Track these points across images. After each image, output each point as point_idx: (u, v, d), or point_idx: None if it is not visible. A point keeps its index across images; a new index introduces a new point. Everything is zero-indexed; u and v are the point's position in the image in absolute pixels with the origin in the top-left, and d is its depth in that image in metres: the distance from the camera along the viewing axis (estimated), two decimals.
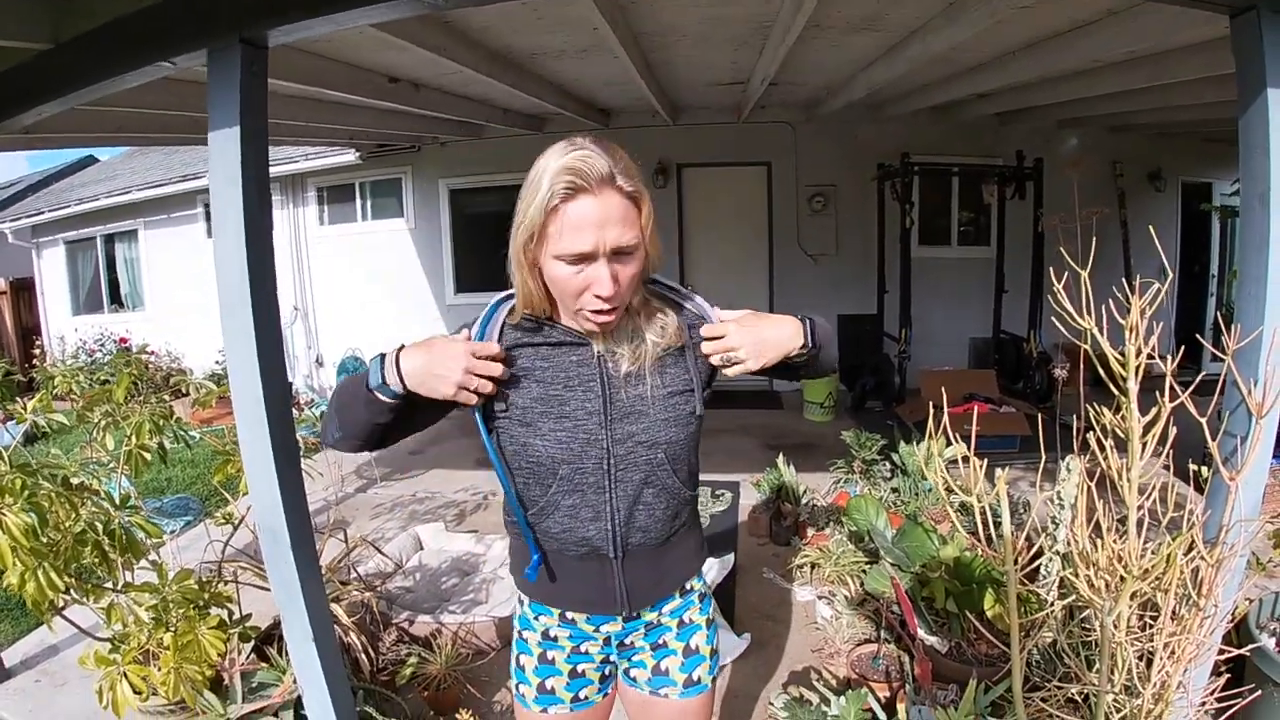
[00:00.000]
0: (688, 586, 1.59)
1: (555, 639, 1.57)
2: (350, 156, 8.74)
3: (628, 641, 1.58)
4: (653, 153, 8.19)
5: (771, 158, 8.36)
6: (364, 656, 2.88)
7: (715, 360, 1.38)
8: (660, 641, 1.58)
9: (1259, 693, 2.16)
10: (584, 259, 1.24)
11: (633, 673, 1.62)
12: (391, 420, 1.34)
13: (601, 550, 1.43)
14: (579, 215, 1.20)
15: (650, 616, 1.56)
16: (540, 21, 4.10)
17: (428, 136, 8.14)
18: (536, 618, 1.57)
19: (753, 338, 1.37)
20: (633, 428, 1.38)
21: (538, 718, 1.60)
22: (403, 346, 1.31)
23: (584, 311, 1.30)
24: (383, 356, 1.30)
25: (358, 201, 9.50)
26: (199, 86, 1.81)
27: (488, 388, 1.31)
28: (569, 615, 1.53)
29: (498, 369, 1.32)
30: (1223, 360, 1.56)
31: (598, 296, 1.26)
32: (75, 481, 2.34)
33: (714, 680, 1.64)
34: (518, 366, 1.38)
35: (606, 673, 1.63)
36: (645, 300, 1.42)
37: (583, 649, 1.57)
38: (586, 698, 1.60)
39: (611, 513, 1.41)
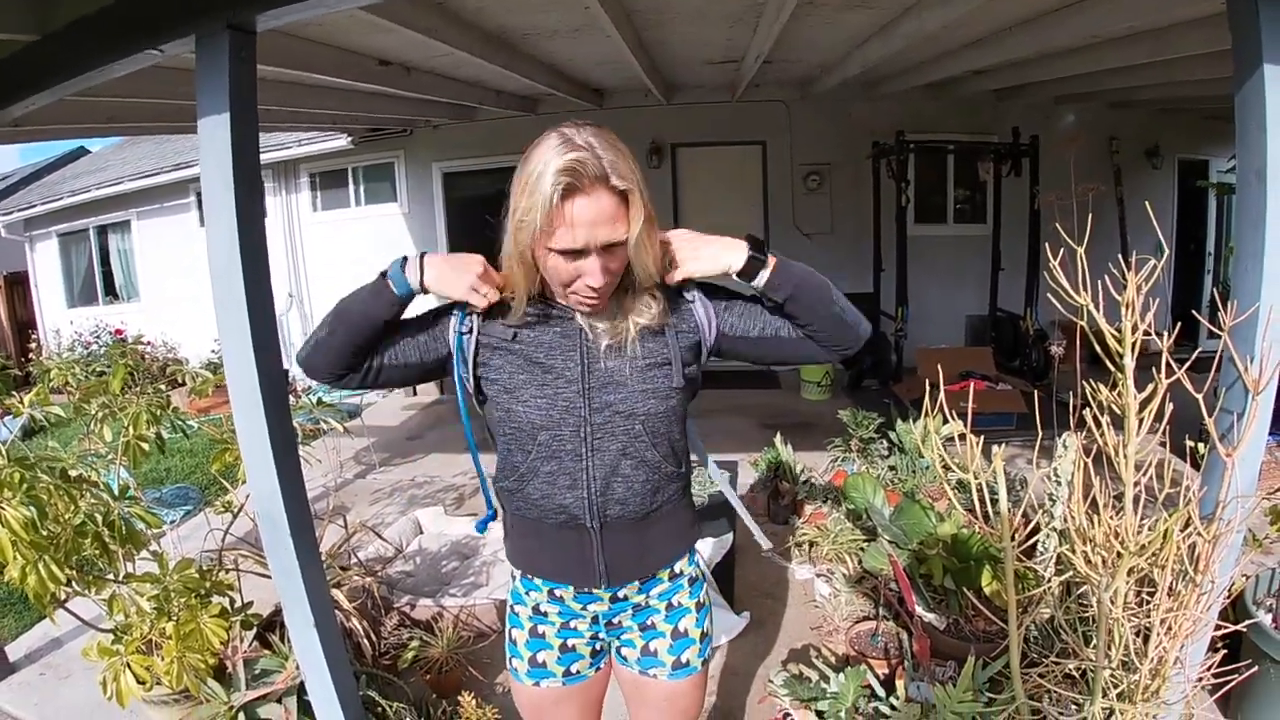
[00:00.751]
0: (677, 570, 1.60)
1: (545, 614, 1.59)
2: (342, 141, 8.68)
3: (615, 621, 1.60)
4: (647, 133, 8.15)
5: (766, 137, 8.31)
6: (366, 641, 2.90)
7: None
8: (648, 623, 1.59)
9: (1256, 668, 2.18)
10: (577, 255, 1.27)
11: (624, 651, 1.64)
12: (380, 330, 1.45)
13: (579, 519, 1.45)
14: (573, 215, 1.23)
15: (638, 599, 1.57)
16: (532, 1, 4.07)
17: (420, 120, 8.09)
18: (527, 593, 1.60)
19: (690, 238, 1.43)
20: (611, 397, 1.41)
21: (530, 691, 1.62)
22: (424, 253, 1.44)
23: (575, 297, 1.35)
24: (404, 257, 1.44)
25: (350, 187, 9.45)
26: (188, 74, 1.79)
27: (494, 296, 1.41)
28: (557, 592, 1.55)
29: (496, 295, 1.41)
30: (1219, 337, 1.55)
31: (589, 285, 1.30)
32: (74, 474, 2.34)
33: (705, 663, 1.65)
34: (504, 336, 1.43)
35: (598, 648, 1.64)
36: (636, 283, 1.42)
37: (571, 625, 1.59)
38: (578, 671, 1.62)
39: (588, 481, 1.43)
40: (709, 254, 1.42)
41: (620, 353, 1.41)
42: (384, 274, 1.44)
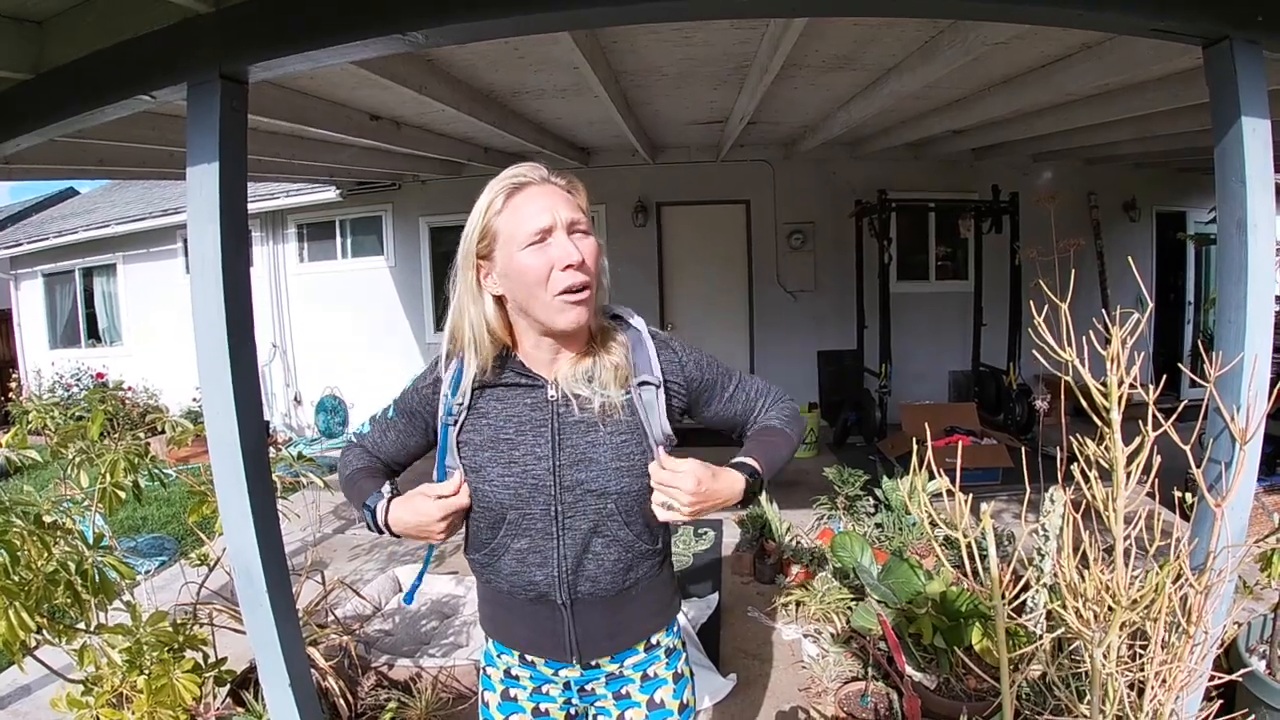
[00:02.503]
0: (654, 641, 1.55)
1: (517, 678, 1.55)
2: (331, 194, 8.74)
3: (588, 688, 1.55)
4: (633, 192, 8.26)
5: (750, 196, 8.43)
6: (342, 701, 2.82)
7: (655, 502, 1.34)
8: (622, 691, 1.54)
9: (1251, 716, 2.15)
10: (544, 235, 1.28)
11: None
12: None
13: (549, 596, 1.42)
14: (527, 200, 1.29)
15: (611, 667, 1.53)
16: (522, 61, 4.14)
17: (408, 174, 8.17)
18: (499, 655, 1.56)
19: (699, 499, 1.31)
20: (582, 475, 1.38)
21: None
22: (390, 501, 1.43)
23: (559, 299, 1.29)
24: (372, 512, 1.44)
25: (338, 239, 9.49)
26: (179, 120, 1.81)
27: (457, 526, 1.44)
28: (528, 657, 1.52)
29: (465, 500, 1.41)
30: (1203, 386, 1.56)
31: (569, 268, 1.27)
32: (48, 520, 2.29)
33: None
34: (474, 408, 1.42)
35: (572, 713, 1.59)
36: (603, 329, 1.43)
37: (544, 690, 1.55)
38: None
39: (559, 559, 1.40)
40: (714, 504, 1.35)
41: (594, 428, 1.38)
42: (365, 505, 1.46)
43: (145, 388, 10.14)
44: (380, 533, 1.45)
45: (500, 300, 1.36)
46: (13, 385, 9.75)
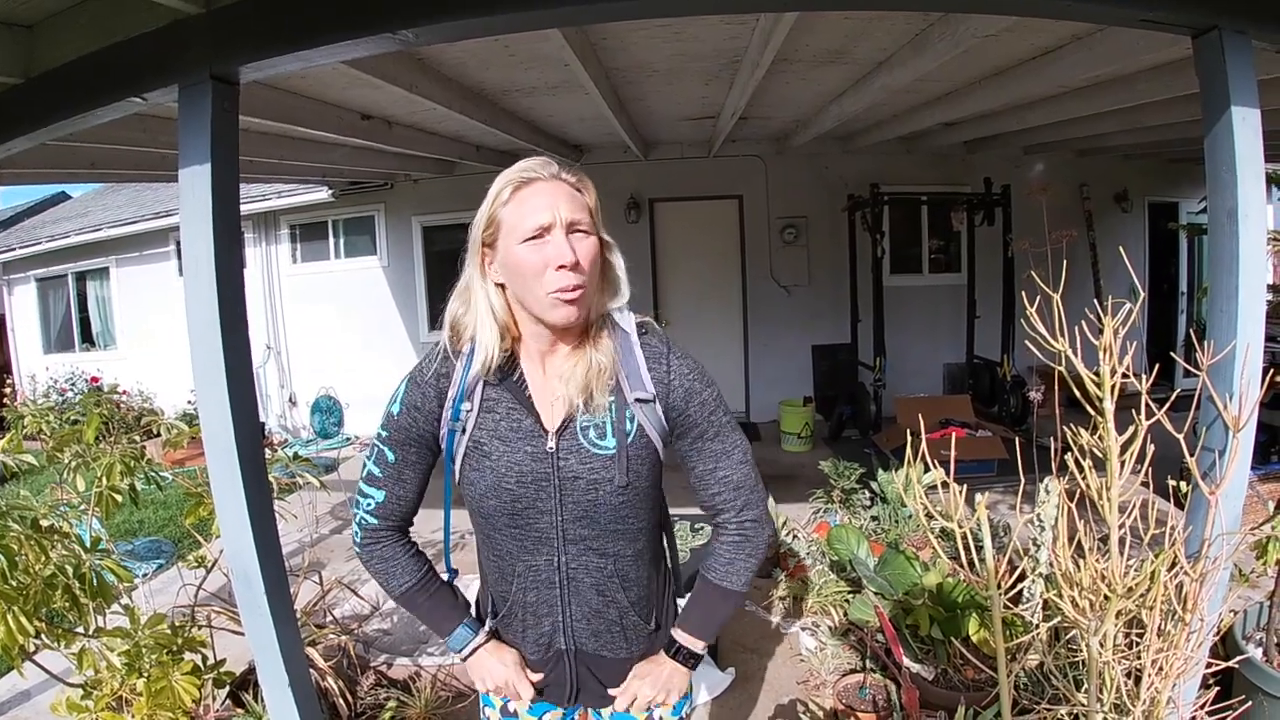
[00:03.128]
0: None
1: (515, 714, 1.61)
2: (323, 194, 8.71)
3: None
4: (625, 188, 8.25)
5: (743, 191, 8.42)
6: (341, 701, 2.82)
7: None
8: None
9: (1249, 704, 2.17)
10: (543, 232, 1.28)
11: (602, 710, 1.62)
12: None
13: (555, 644, 1.49)
14: (533, 195, 1.29)
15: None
16: (513, 58, 4.14)
17: (400, 174, 8.15)
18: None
19: (663, 693, 1.50)
20: (585, 532, 1.40)
21: None
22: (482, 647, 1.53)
23: (551, 296, 1.28)
24: (468, 645, 1.53)
25: (330, 239, 9.45)
26: (171, 123, 1.80)
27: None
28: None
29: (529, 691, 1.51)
30: (1196, 375, 1.57)
31: (561, 268, 1.26)
32: (45, 524, 2.29)
33: None
34: (477, 442, 1.40)
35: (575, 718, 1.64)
36: (600, 329, 1.41)
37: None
38: None
39: (564, 606, 1.45)
40: (669, 695, 1.52)
41: (594, 487, 1.37)
42: (451, 637, 1.54)
43: (140, 391, 10.10)
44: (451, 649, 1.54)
45: (502, 287, 1.36)
46: (7, 391, 9.72)
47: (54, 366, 11.03)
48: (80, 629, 2.36)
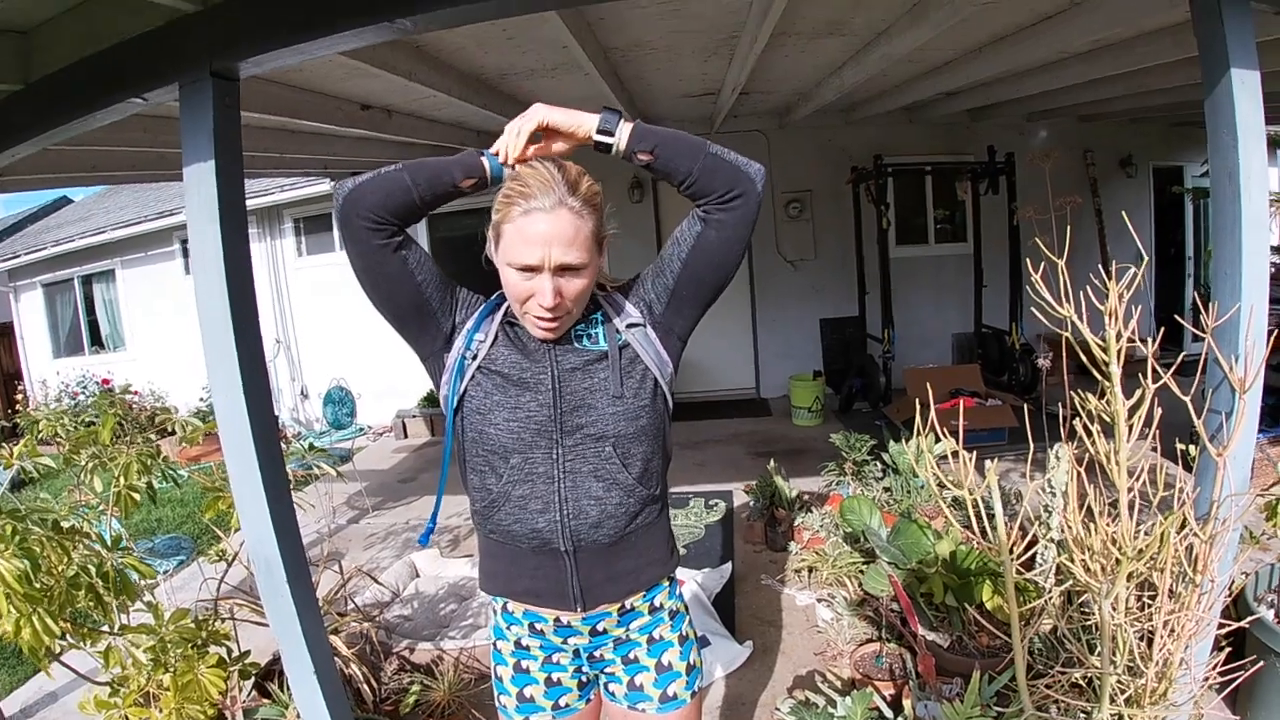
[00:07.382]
0: (657, 603, 1.59)
1: (527, 648, 1.59)
2: (326, 186, 8.69)
3: (597, 654, 1.59)
4: (628, 167, 8.13)
5: None
6: (366, 687, 2.86)
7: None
8: (631, 656, 1.59)
9: (1261, 664, 2.18)
10: (531, 270, 1.33)
11: (610, 687, 1.63)
12: (445, 194, 1.40)
13: (552, 544, 1.45)
14: (530, 231, 1.30)
15: (618, 631, 1.56)
16: (510, 41, 4.12)
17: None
18: (509, 627, 1.59)
19: (534, 118, 1.36)
20: (582, 419, 1.43)
21: None
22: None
23: (529, 317, 1.38)
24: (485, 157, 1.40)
25: (335, 231, 9.44)
26: (172, 122, 1.81)
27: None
28: (537, 626, 1.55)
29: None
30: (1203, 340, 1.57)
31: (541, 305, 1.33)
32: (66, 525, 2.31)
33: (694, 694, 1.63)
34: (488, 355, 1.45)
35: (584, 680, 1.63)
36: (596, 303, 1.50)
37: (554, 659, 1.59)
38: (567, 705, 1.61)
39: (560, 503, 1.43)
40: (570, 115, 1.38)
41: (590, 375, 1.44)
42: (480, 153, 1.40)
43: (152, 390, 10.18)
44: (492, 173, 1.39)
45: None
46: (19, 397, 9.79)
47: (64, 371, 11.11)
48: (105, 627, 2.39)
